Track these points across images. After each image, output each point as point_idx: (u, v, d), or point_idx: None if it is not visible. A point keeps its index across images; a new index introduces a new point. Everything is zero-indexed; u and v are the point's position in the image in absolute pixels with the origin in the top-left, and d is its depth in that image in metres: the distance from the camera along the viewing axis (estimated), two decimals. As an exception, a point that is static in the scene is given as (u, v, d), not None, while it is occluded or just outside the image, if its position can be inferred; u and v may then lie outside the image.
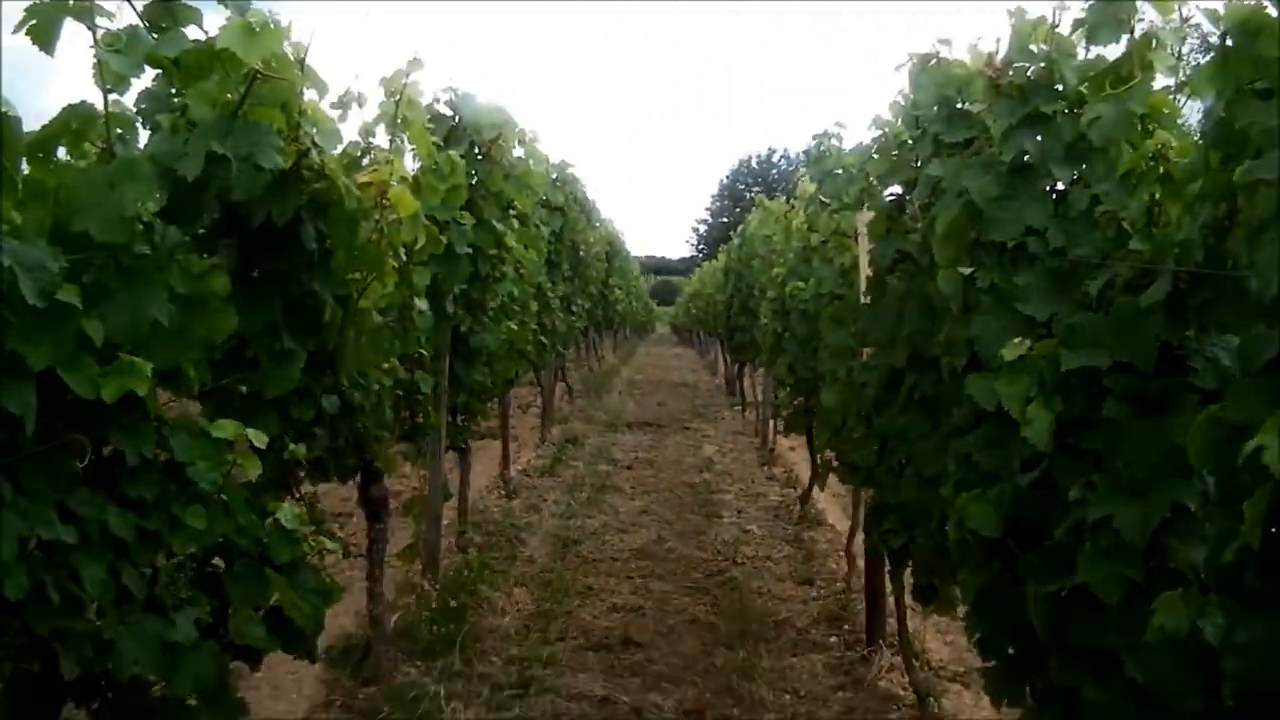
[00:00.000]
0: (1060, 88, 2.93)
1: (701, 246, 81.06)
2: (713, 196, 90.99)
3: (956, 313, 3.23)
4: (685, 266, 63.83)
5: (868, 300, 4.57)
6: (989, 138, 3.15)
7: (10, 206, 1.97)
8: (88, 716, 2.47)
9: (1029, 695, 2.70)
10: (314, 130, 3.15)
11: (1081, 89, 2.87)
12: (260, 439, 2.44)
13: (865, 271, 4.77)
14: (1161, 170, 2.36)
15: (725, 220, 71.52)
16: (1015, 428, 2.56)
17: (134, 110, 2.87)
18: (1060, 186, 2.92)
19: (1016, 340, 2.61)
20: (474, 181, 5.82)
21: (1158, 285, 2.22)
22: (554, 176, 9.72)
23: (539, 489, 9.86)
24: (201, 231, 2.91)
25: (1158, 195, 2.38)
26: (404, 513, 5.64)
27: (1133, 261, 2.33)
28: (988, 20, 3.42)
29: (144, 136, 2.89)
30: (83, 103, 2.48)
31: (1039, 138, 2.93)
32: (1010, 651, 2.75)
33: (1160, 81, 2.63)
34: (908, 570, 4.34)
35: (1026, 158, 2.96)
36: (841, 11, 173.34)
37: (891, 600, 5.26)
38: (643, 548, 7.85)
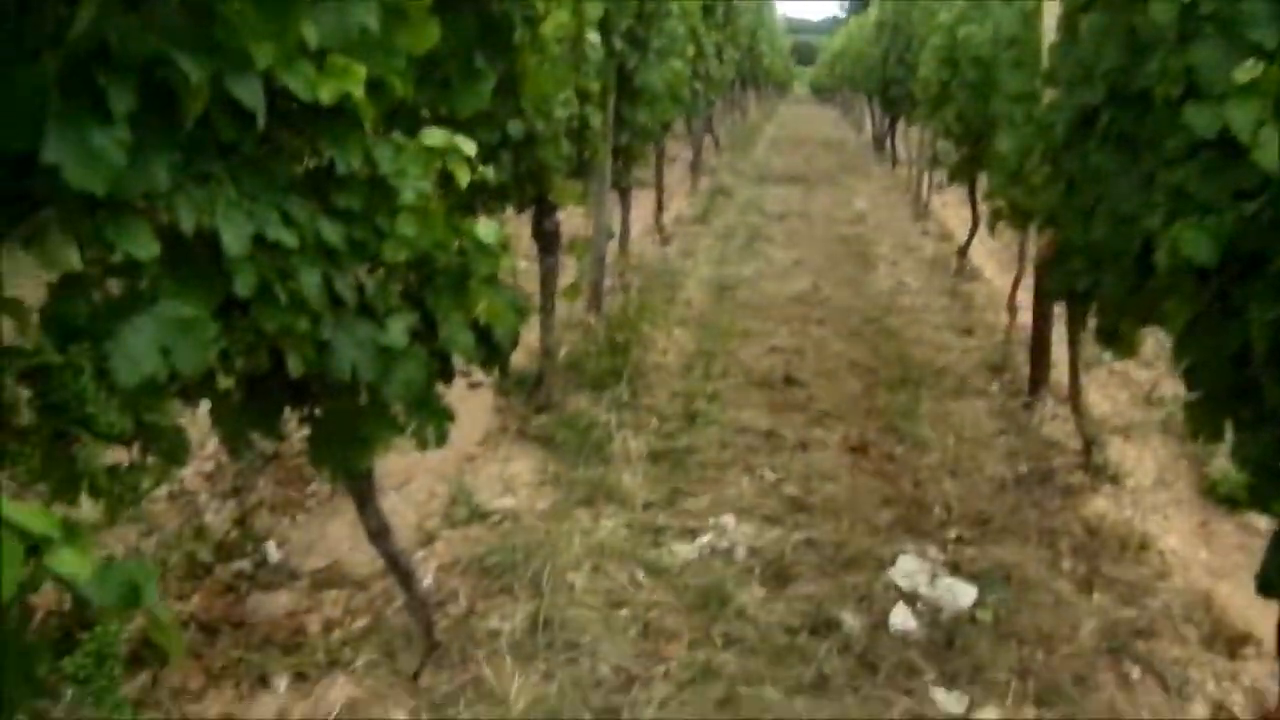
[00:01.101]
0: None
1: (848, 4, 77.49)
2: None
3: (1172, 43, 3.03)
4: (827, 26, 61.40)
5: (1057, 39, 4.34)
6: None
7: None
8: (299, 422, 2.60)
9: (1231, 428, 2.66)
10: None
11: None
12: (469, 147, 2.45)
13: (1053, 10, 4.54)
14: None
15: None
16: (1237, 155, 2.43)
17: None
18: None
19: (1249, 62, 2.44)
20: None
21: None
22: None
23: (692, 236, 9.84)
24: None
25: None
26: (568, 250, 5.69)
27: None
28: None
29: None
30: None
31: None
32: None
33: None
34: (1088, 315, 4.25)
35: None
36: None
37: (1060, 349, 5.18)
38: (799, 295, 7.83)
